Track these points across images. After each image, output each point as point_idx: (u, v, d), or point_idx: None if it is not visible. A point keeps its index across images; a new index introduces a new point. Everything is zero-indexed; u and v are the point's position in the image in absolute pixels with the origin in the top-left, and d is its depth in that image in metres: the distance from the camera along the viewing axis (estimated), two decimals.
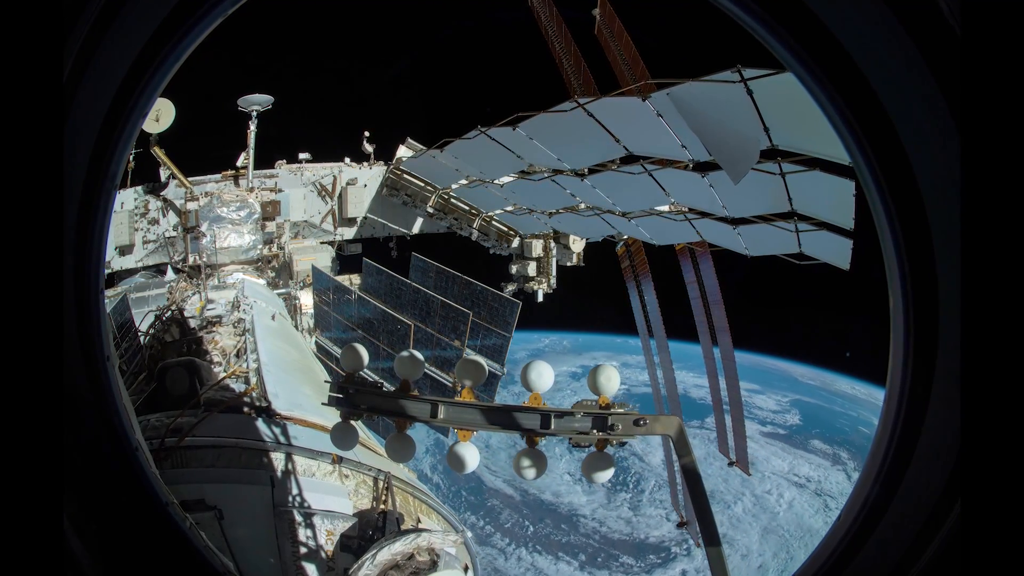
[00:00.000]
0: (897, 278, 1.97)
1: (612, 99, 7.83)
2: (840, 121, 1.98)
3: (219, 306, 10.60)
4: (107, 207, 2.13)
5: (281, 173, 14.95)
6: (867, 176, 1.98)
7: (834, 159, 6.47)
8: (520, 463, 2.96)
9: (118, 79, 2.03)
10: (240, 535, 4.09)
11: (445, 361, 13.21)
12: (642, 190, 9.30)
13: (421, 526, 5.21)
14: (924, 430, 1.94)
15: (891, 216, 1.93)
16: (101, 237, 2.14)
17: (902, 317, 1.98)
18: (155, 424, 4.96)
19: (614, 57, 12.62)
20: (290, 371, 7.70)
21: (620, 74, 12.46)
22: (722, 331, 13.18)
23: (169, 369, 6.10)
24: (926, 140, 1.82)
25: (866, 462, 2.16)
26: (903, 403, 1.99)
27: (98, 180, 2.07)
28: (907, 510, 1.98)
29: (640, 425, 2.84)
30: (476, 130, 9.76)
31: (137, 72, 2.06)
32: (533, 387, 2.98)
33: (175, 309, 9.95)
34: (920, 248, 1.88)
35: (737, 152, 6.67)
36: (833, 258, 8.41)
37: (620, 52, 12.54)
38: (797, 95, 5.12)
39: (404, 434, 3.12)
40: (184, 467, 4.53)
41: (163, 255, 13.74)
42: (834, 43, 1.88)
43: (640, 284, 14.36)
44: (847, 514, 2.17)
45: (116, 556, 2.12)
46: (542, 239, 16.14)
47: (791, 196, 7.62)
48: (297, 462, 4.94)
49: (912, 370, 1.96)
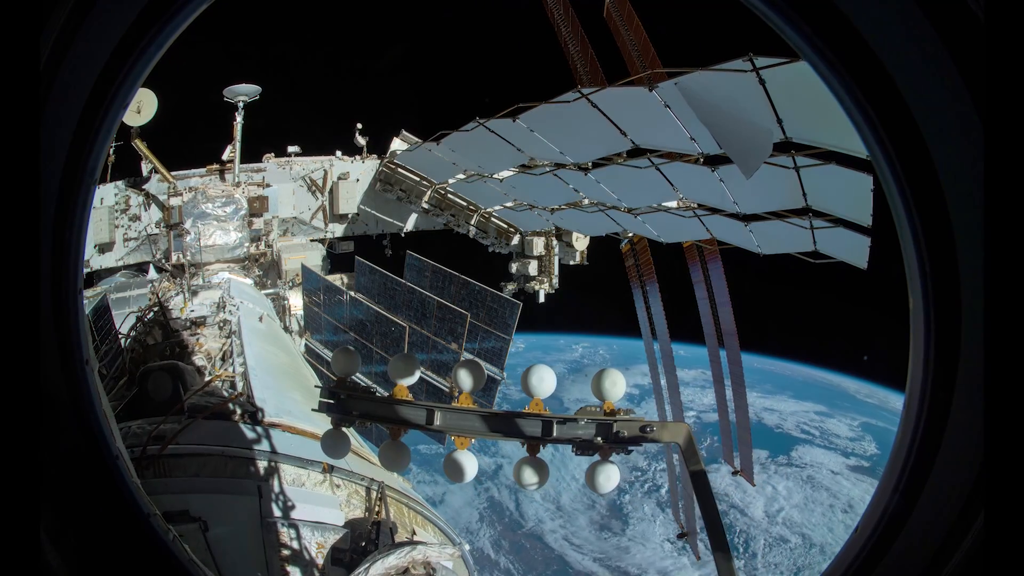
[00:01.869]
0: (917, 277, 1.97)
1: (617, 89, 7.82)
2: (857, 112, 1.97)
3: (204, 307, 10.61)
4: (86, 203, 2.13)
5: (269, 167, 14.96)
6: (885, 170, 1.98)
7: (851, 152, 6.46)
8: (521, 473, 2.97)
9: (98, 67, 2.03)
10: (226, 548, 4.09)
11: (442, 365, 13.22)
12: (649, 185, 9.31)
13: (416, 538, 5.21)
14: (946, 437, 1.94)
15: (911, 212, 1.93)
16: (80, 234, 2.14)
17: (922, 318, 1.98)
18: (136, 431, 4.96)
19: (623, 43, 12.55)
20: (278, 375, 7.70)
21: (630, 61, 12.39)
22: (729, 334, 13.19)
23: (151, 373, 6.10)
24: (947, 131, 1.82)
25: (884, 471, 2.15)
26: (923, 409, 1.99)
27: (77, 174, 2.07)
28: (928, 521, 1.98)
29: (647, 432, 2.85)
30: (474, 122, 9.75)
31: (118, 60, 2.06)
32: (534, 392, 2.98)
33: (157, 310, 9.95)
34: (941, 245, 1.88)
35: (749, 145, 6.67)
36: (850, 256, 8.41)
37: (630, 38, 12.48)
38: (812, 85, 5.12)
39: (398, 442, 3.13)
40: (167, 476, 4.53)
41: (145, 253, 13.74)
42: (850, 29, 1.87)
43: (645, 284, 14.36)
44: (865, 526, 2.17)
45: (95, 570, 2.12)
46: (543, 236, 16.15)
47: (805, 191, 7.62)
48: (286, 471, 4.94)
49: (933, 374, 1.96)
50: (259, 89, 13.77)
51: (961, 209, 1.83)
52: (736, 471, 14.47)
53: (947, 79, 1.75)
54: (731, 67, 6.03)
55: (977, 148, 1.73)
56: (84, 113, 2.04)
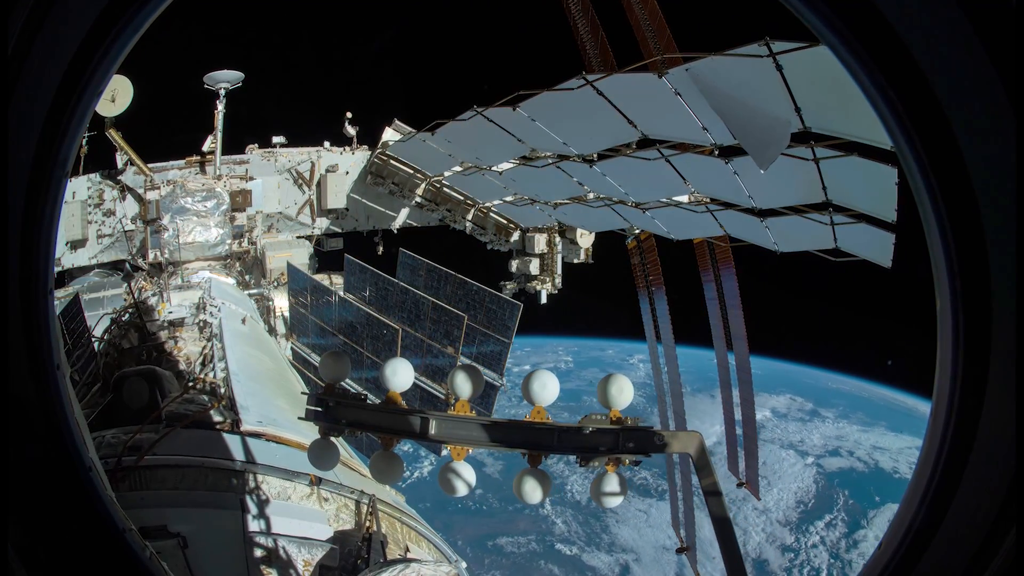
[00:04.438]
0: (945, 277, 1.97)
1: (625, 75, 7.83)
2: (881, 99, 1.97)
3: (183, 308, 10.63)
4: (57, 197, 2.13)
5: (252, 159, 14.97)
6: (911, 162, 1.98)
7: (874, 143, 6.46)
8: (521, 485, 2.97)
9: (69, 53, 2.03)
10: (206, 566, 4.09)
11: (437, 370, 13.23)
12: (658, 178, 9.31)
13: (410, 555, 5.21)
14: (975, 448, 1.94)
15: (938, 206, 1.93)
16: (50, 230, 2.14)
17: (950, 321, 1.98)
18: (111, 441, 4.96)
19: (637, 22, 12.50)
20: (263, 381, 7.71)
21: (643, 43, 12.33)
22: (739, 338, 13.23)
23: (127, 379, 6.11)
24: (977, 120, 1.82)
25: (910, 484, 2.16)
26: (951, 417, 1.99)
27: (47, 167, 2.07)
28: (956, 537, 1.98)
29: (656, 442, 2.85)
30: (472, 110, 9.76)
31: (90, 45, 2.06)
32: (536, 399, 2.98)
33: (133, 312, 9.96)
34: (971, 242, 1.88)
35: (765, 135, 6.66)
36: (873, 254, 8.42)
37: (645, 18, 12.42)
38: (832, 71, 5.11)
39: (391, 452, 3.13)
40: (144, 489, 4.53)
41: (120, 251, 13.75)
42: (873, 10, 1.87)
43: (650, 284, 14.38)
44: (889, 542, 2.17)
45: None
46: (546, 233, 16.16)
47: (826, 185, 7.62)
48: (270, 484, 4.94)
49: (962, 380, 1.96)
50: (242, 75, 13.78)
51: (992, 203, 1.83)
52: (741, 483, 14.49)
53: (977, 65, 1.75)
54: (746, 52, 6.03)
55: (1009, 138, 1.73)
56: (55, 101, 2.04)
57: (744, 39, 5.96)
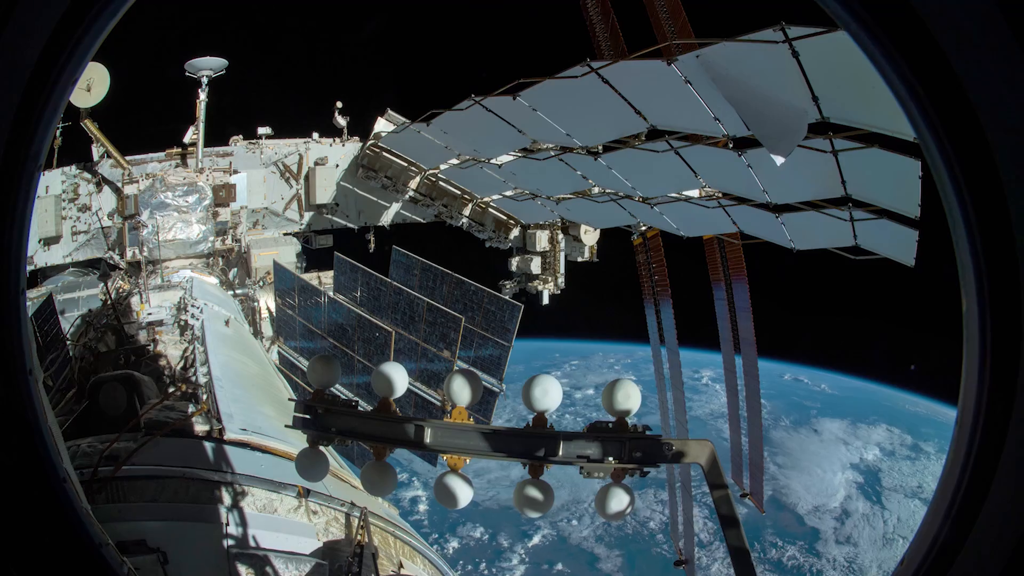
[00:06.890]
0: (971, 276, 1.97)
1: (632, 62, 7.84)
2: (903, 88, 1.97)
3: (163, 309, 10.63)
4: (29, 191, 2.13)
5: (236, 151, 14.98)
6: (936, 154, 1.98)
7: (896, 134, 6.48)
8: (522, 497, 2.96)
9: (42, 40, 2.03)
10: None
11: (433, 375, 13.24)
12: (667, 171, 9.32)
13: (404, 572, 5.22)
14: (1003, 457, 1.94)
15: (964, 202, 1.93)
16: (22, 227, 2.14)
17: (977, 322, 1.98)
18: (87, 450, 4.96)
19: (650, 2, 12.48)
20: (247, 387, 7.71)
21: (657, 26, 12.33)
22: (747, 342, 13.30)
23: (103, 385, 6.11)
24: (1006, 110, 1.81)
25: (935, 496, 2.16)
26: (978, 425, 1.98)
27: (18, 160, 2.07)
28: (984, 552, 1.98)
29: (666, 452, 2.85)
30: (469, 99, 9.77)
31: (65, 31, 2.06)
32: (537, 406, 2.98)
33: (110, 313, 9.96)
34: (999, 240, 1.88)
35: (780, 126, 6.67)
36: (895, 252, 8.43)
37: None
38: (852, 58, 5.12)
39: (383, 462, 3.13)
40: (121, 502, 4.53)
41: (96, 248, 13.76)
42: None
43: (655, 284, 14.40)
44: (912, 558, 2.17)
45: None
46: (548, 229, 16.18)
47: (845, 178, 7.63)
48: (256, 496, 4.94)
49: (989, 385, 1.96)
50: (225, 63, 13.77)
51: (1021, 198, 1.83)
52: (745, 493, 14.53)
53: (1005, 52, 1.75)
54: (760, 37, 6.04)
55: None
56: (27, 91, 2.04)
57: (760, 24, 5.97)
